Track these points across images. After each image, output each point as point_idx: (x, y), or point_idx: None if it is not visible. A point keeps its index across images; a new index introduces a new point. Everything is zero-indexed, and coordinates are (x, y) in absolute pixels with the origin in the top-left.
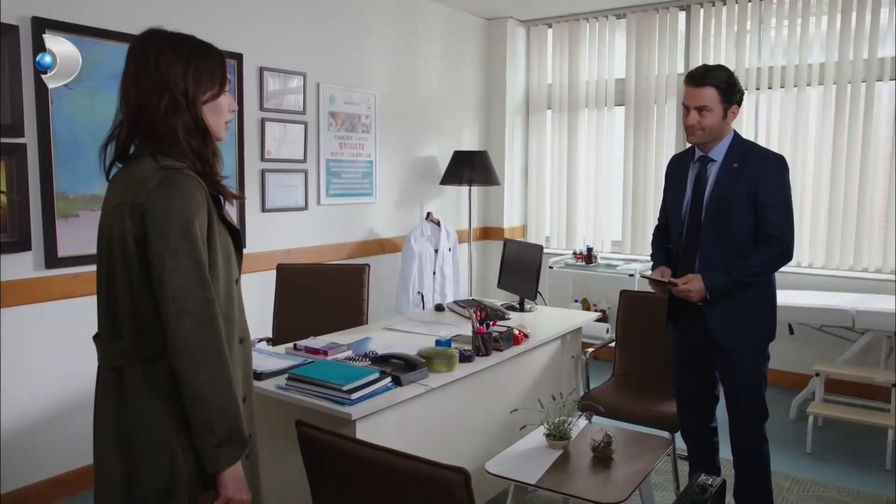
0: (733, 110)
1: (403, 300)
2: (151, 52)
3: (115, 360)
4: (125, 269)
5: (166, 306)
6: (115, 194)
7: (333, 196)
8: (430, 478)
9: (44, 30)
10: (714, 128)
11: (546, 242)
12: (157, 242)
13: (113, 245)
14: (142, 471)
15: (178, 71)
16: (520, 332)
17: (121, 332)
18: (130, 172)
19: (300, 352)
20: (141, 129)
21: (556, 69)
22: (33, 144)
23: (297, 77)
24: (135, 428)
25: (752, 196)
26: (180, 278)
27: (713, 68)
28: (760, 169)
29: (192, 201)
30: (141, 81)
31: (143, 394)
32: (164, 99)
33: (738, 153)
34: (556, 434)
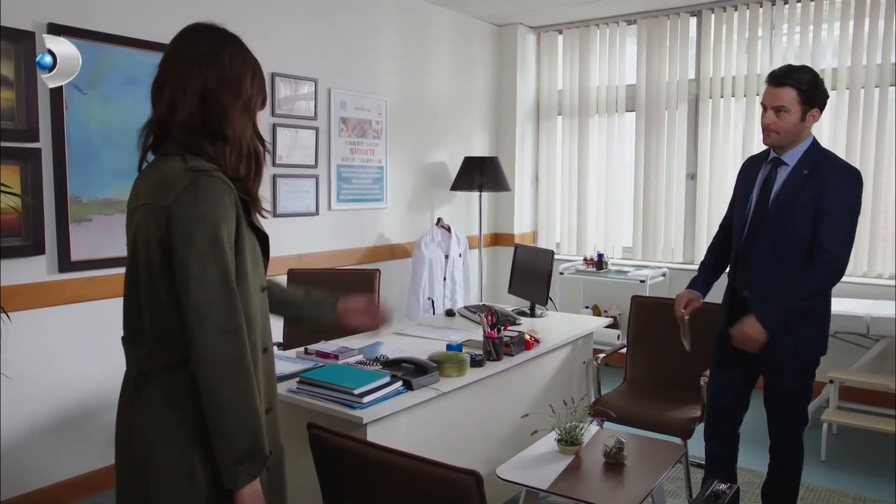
0: (813, 114)
1: (414, 306)
2: (227, 48)
3: (139, 365)
4: (149, 272)
5: (190, 315)
6: (143, 194)
7: (344, 201)
8: (441, 480)
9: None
10: (791, 130)
11: (556, 248)
12: (183, 248)
13: (138, 247)
14: (158, 484)
15: (248, 76)
16: (531, 337)
17: (143, 337)
18: (160, 171)
19: (311, 356)
20: (188, 126)
21: (566, 75)
22: (48, 149)
23: (309, 83)
24: (152, 438)
25: (815, 205)
26: (205, 286)
27: (796, 68)
28: (828, 178)
29: (220, 205)
30: (211, 74)
31: (163, 402)
32: (239, 101)
33: (811, 160)
34: (567, 439)
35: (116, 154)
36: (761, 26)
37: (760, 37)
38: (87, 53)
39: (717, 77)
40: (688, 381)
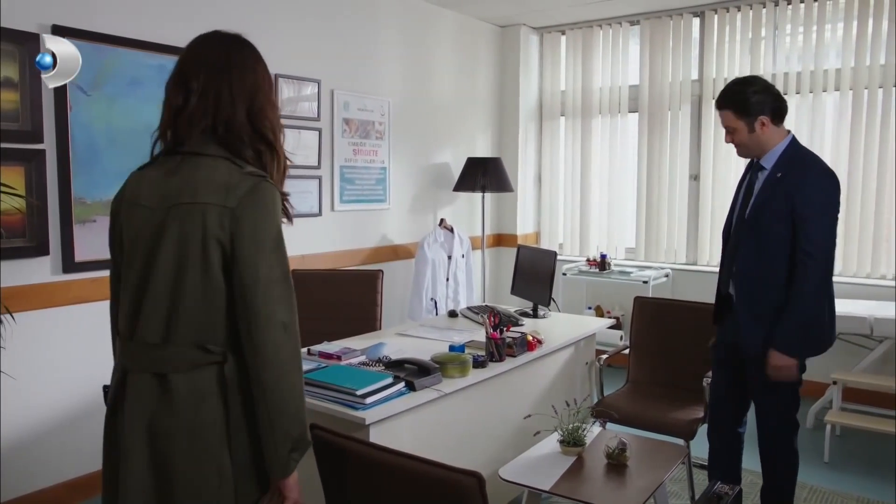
0: (762, 121)
1: (416, 306)
2: (260, 60)
3: (159, 366)
4: (204, 272)
5: (256, 316)
6: (192, 193)
7: (347, 202)
8: (444, 481)
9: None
10: (747, 143)
11: (559, 249)
12: (252, 250)
13: (187, 246)
14: (186, 484)
15: (268, 85)
16: (533, 337)
17: (174, 337)
18: (215, 171)
19: (314, 357)
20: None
21: (569, 76)
22: (52, 150)
23: (312, 84)
24: (179, 438)
25: (790, 207)
26: (273, 287)
27: (726, 89)
28: (800, 180)
29: (279, 210)
30: (249, 83)
31: (190, 402)
32: (276, 112)
33: (785, 162)
34: (570, 440)
35: (120, 155)
36: (764, 27)
37: (764, 37)
38: (90, 55)
39: (721, 78)
40: (690, 382)
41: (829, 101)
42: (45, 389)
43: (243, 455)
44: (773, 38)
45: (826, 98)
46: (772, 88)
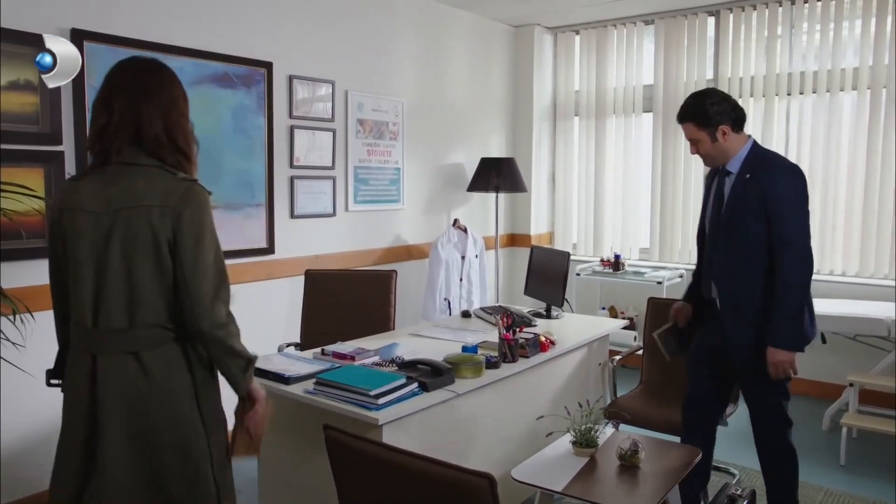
0: (723, 130)
1: (430, 306)
2: (168, 82)
3: (131, 347)
4: (156, 263)
5: (197, 294)
6: (136, 196)
7: (361, 203)
8: (455, 483)
9: (82, 41)
10: (712, 153)
11: (573, 249)
12: (191, 242)
13: (136, 243)
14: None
15: (184, 101)
16: (546, 338)
17: (138, 321)
18: (152, 179)
19: (328, 357)
20: (157, 142)
21: (583, 76)
22: (70, 152)
23: (326, 85)
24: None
25: (762, 206)
26: (213, 267)
27: (686, 103)
28: (768, 179)
29: (210, 208)
30: (167, 102)
31: (163, 373)
32: (188, 123)
33: (751, 165)
34: (582, 441)
35: None
36: (780, 25)
37: (780, 35)
38: (108, 58)
39: (736, 77)
40: None
41: (846, 100)
42: None
43: (211, 409)
44: (789, 36)
45: (843, 97)
46: (729, 98)
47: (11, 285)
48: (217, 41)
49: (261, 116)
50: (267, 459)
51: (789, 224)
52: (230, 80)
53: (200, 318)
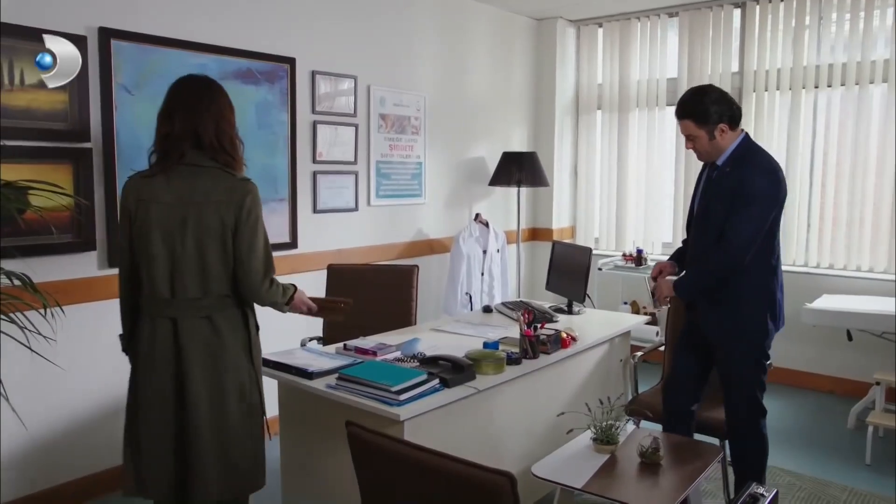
0: (721, 129)
1: (452, 301)
2: (217, 95)
3: (205, 312)
4: (221, 246)
5: (250, 271)
6: (202, 191)
7: (383, 197)
8: (476, 481)
9: (109, 39)
10: (708, 150)
11: (595, 244)
12: (252, 225)
13: (208, 230)
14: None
15: (232, 112)
16: (567, 335)
17: (209, 291)
18: (216, 179)
19: (350, 352)
20: (213, 147)
21: (606, 69)
22: (98, 149)
23: (348, 80)
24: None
25: (732, 198)
26: (267, 247)
27: (684, 99)
28: (743, 174)
29: (260, 202)
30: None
31: (228, 331)
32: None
33: (735, 159)
34: (603, 438)
35: None
36: (808, 15)
37: (808, 26)
38: (135, 55)
39: (762, 70)
40: None
41: (876, 93)
42: (92, 379)
43: (257, 356)
44: (817, 27)
45: (873, 90)
46: (727, 96)
47: (42, 280)
48: (240, 37)
49: (284, 112)
50: (289, 452)
51: (742, 222)
52: (253, 76)
53: (254, 289)
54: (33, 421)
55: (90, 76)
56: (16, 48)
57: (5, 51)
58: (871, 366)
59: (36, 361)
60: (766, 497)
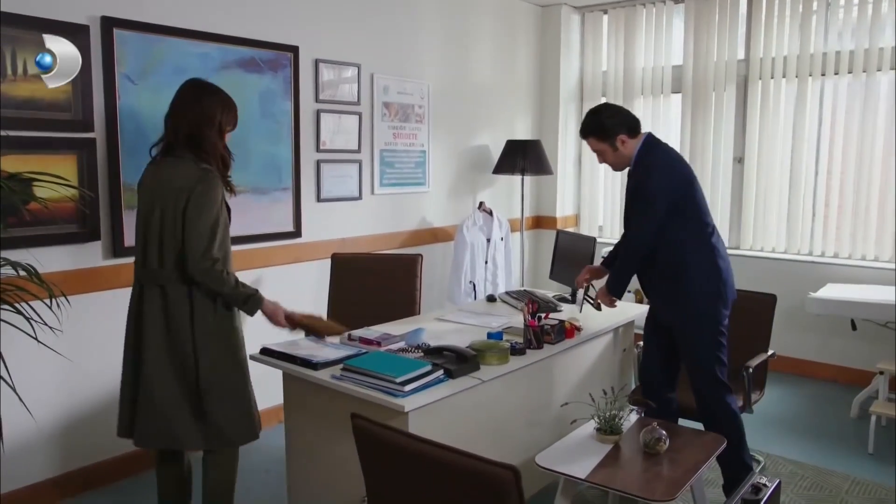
0: (621, 139)
1: (455, 289)
2: (209, 98)
3: (161, 281)
4: (175, 224)
5: (194, 250)
6: (170, 178)
7: (387, 186)
8: (481, 474)
9: (112, 28)
10: (616, 160)
11: (599, 232)
12: (194, 212)
13: (168, 211)
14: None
15: (218, 111)
16: (572, 324)
17: (165, 264)
18: (182, 167)
19: (354, 342)
20: (188, 142)
21: (611, 56)
22: (102, 139)
23: (352, 68)
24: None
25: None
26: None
27: (585, 121)
28: (638, 173)
29: (218, 189)
30: (195, 113)
31: (175, 300)
32: (213, 129)
33: (638, 161)
34: (606, 429)
35: None
36: (816, 1)
37: (815, 12)
38: (138, 45)
39: (768, 57)
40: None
41: (883, 81)
42: (98, 368)
43: (204, 328)
44: (825, 13)
45: (881, 78)
46: (621, 110)
47: (47, 270)
48: (243, 26)
49: (287, 101)
50: (294, 442)
51: (637, 216)
52: (257, 65)
53: (192, 263)
54: (40, 410)
55: (93, 66)
56: (18, 38)
57: (7, 41)
58: (875, 355)
59: (42, 351)
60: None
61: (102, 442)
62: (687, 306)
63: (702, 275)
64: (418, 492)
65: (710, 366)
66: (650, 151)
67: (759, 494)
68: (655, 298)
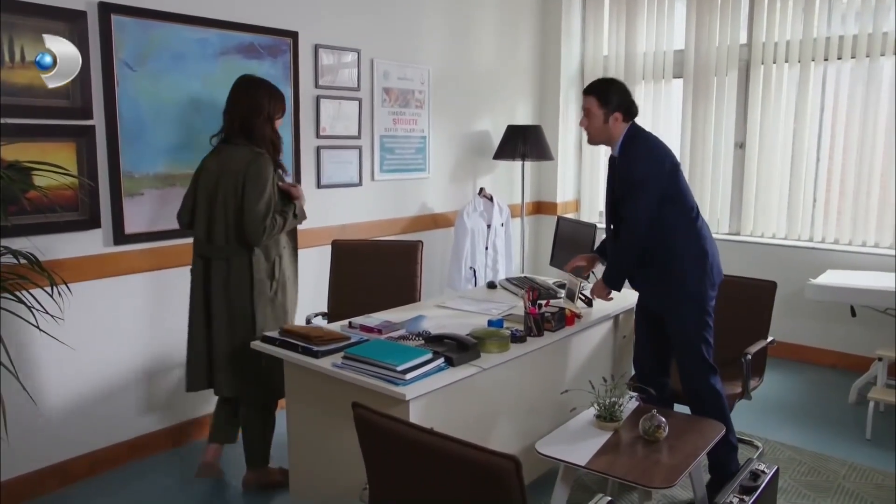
0: (615, 116)
1: (456, 275)
2: (257, 90)
3: (227, 255)
4: (235, 205)
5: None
6: (229, 162)
7: (387, 172)
8: (481, 464)
9: (110, 14)
10: (598, 130)
11: (599, 217)
12: (251, 186)
13: (229, 191)
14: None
15: (266, 100)
16: (572, 312)
17: (230, 241)
18: (237, 153)
19: (355, 329)
20: (242, 130)
21: (612, 41)
22: (101, 126)
23: (352, 53)
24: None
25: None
26: (264, 203)
27: (594, 81)
28: (626, 159)
29: (269, 170)
30: (244, 105)
31: (238, 270)
32: (262, 117)
33: (624, 146)
34: (606, 416)
35: (165, 130)
36: None
37: None
38: (136, 31)
39: (771, 42)
40: (729, 356)
41: (886, 66)
42: (100, 356)
43: (261, 295)
44: None
45: (883, 63)
46: (629, 93)
47: (48, 258)
48: (242, 11)
49: (287, 86)
50: (296, 430)
51: (630, 202)
52: (256, 51)
53: (249, 234)
54: (42, 397)
55: (91, 52)
56: (16, 24)
57: (5, 28)
58: (874, 341)
59: (44, 339)
60: (766, 474)
61: (104, 428)
62: (675, 290)
63: (690, 258)
64: (419, 480)
65: (696, 346)
66: (636, 139)
67: (757, 481)
68: (643, 285)
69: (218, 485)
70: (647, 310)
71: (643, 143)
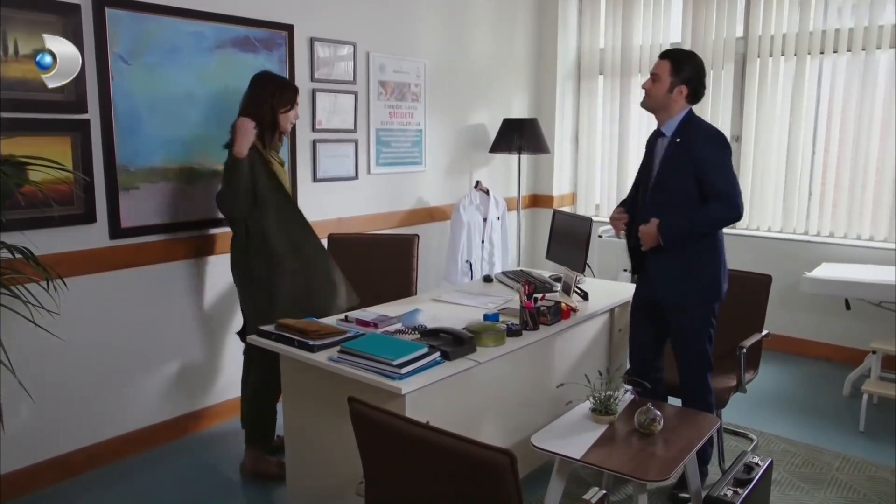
0: (681, 90)
1: (452, 269)
2: (267, 84)
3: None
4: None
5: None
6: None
7: (383, 165)
8: (477, 458)
9: (105, 7)
10: (659, 98)
11: (596, 210)
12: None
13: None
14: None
15: (271, 95)
16: (567, 305)
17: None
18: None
19: (351, 323)
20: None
21: (608, 33)
22: (96, 120)
23: (347, 46)
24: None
25: (692, 168)
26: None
27: (678, 49)
28: (696, 142)
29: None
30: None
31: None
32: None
33: (682, 130)
34: (601, 409)
35: (161, 123)
36: None
37: None
38: (130, 24)
39: (767, 35)
40: (724, 350)
41: (882, 59)
42: (96, 350)
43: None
44: None
45: (880, 56)
46: (704, 76)
47: (43, 253)
48: (237, 4)
49: None
50: (292, 424)
51: (719, 181)
52: (251, 44)
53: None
54: (39, 392)
55: (85, 46)
56: (9, 17)
57: None
58: (869, 334)
59: (40, 333)
60: (760, 466)
61: (101, 423)
62: (697, 286)
63: (716, 259)
64: (415, 474)
65: (701, 342)
66: (700, 123)
67: (751, 473)
68: (659, 275)
69: (216, 478)
70: (646, 303)
71: (711, 127)
